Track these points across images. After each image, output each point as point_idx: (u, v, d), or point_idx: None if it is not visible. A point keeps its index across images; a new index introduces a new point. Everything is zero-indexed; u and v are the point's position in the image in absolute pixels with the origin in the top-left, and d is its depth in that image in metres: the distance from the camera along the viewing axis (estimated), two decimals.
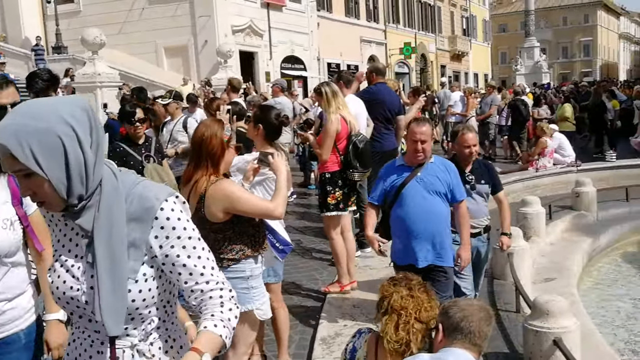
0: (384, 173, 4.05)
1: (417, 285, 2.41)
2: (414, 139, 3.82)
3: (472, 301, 2.40)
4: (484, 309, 2.31)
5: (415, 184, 3.87)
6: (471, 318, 2.22)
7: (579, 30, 76.47)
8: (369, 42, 33.61)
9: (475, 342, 2.21)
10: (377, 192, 4.05)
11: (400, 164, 4.01)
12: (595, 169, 11.88)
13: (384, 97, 6.76)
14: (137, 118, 4.96)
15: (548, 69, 35.17)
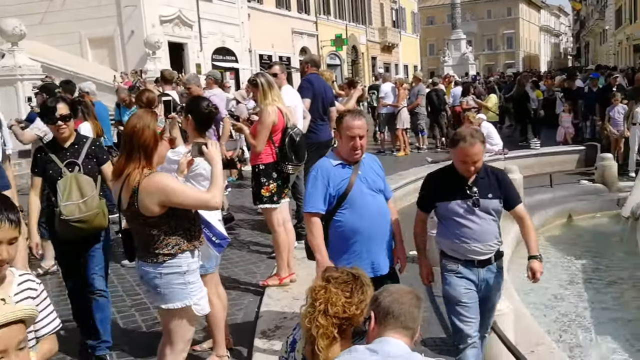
0: (321, 175, 3.48)
1: (334, 279, 2.39)
2: (352, 135, 3.43)
3: (400, 286, 2.38)
4: (412, 292, 2.32)
5: (360, 184, 3.49)
6: (401, 300, 2.24)
7: (503, 23, 79.12)
8: (300, 34, 33.57)
9: (406, 325, 2.22)
10: (319, 199, 3.45)
11: (338, 163, 3.52)
12: (521, 156, 12.33)
13: (317, 87, 6.77)
14: (60, 115, 3.99)
15: (474, 61, 36.21)
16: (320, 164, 3.57)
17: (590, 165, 11.29)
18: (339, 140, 3.56)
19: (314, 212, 3.48)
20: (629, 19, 49.07)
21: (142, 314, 4.90)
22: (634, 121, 11.18)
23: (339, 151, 3.58)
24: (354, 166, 3.52)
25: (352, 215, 3.46)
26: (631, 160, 11.25)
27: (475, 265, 3.58)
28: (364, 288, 2.39)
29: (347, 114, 3.54)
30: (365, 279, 2.42)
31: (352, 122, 3.44)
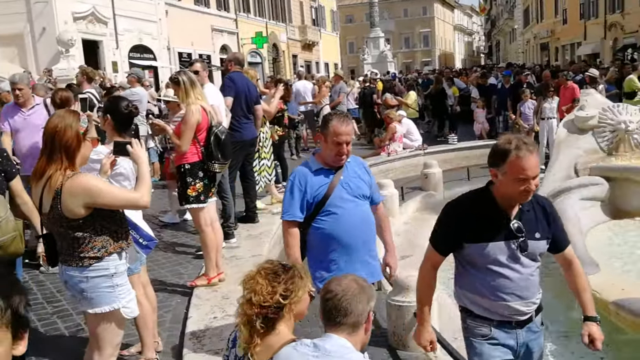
0: (298, 181, 3.29)
1: (264, 269, 2.42)
2: (339, 141, 3.20)
3: (345, 280, 2.35)
4: (358, 285, 2.33)
5: (341, 190, 3.28)
6: (345, 297, 2.26)
7: (419, 21, 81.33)
8: (220, 31, 33.17)
9: (350, 322, 2.25)
10: (295, 205, 3.27)
11: (318, 168, 3.32)
12: (440, 151, 12.76)
13: (240, 86, 6.76)
14: None
15: (392, 59, 37.00)
16: (298, 170, 3.37)
17: None
18: (322, 144, 3.30)
19: (290, 220, 3.29)
20: (535, 18, 51.68)
21: (64, 321, 4.73)
22: (542, 116, 11.82)
23: (322, 155, 3.34)
24: (337, 171, 3.31)
25: (330, 223, 3.27)
26: (541, 154, 11.88)
27: (514, 326, 2.72)
28: (294, 279, 2.38)
29: (334, 118, 3.28)
30: (301, 272, 2.44)
31: (340, 127, 3.21)
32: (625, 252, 6.42)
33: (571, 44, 42.68)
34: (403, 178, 11.04)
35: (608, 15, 35.13)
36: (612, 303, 4.71)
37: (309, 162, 3.38)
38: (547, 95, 11.86)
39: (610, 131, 8.22)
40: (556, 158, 8.30)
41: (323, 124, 3.33)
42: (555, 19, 46.06)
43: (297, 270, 2.45)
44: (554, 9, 46.23)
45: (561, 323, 5.22)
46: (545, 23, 48.59)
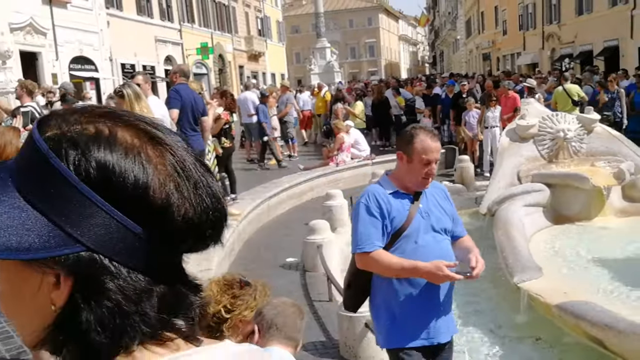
0: (375, 203, 2.76)
1: (223, 278, 2.41)
2: (429, 159, 2.74)
3: (283, 299, 2.45)
4: (295, 305, 2.42)
5: (420, 220, 2.78)
6: (284, 313, 2.30)
7: (364, 32, 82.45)
8: (164, 42, 32.70)
9: (290, 336, 2.29)
10: (375, 233, 2.73)
11: (394, 191, 2.82)
12: (387, 161, 12.84)
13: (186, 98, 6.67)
14: None
15: (339, 69, 37.28)
16: (372, 190, 2.84)
17: (450, 167, 12.06)
18: (402, 163, 2.82)
19: (368, 251, 2.72)
20: (477, 29, 53.16)
21: (5, 344, 4.53)
22: (486, 125, 12.12)
23: (399, 176, 2.86)
24: (415, 196, 2.82)
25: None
26: (485, 161, 12.18)
27: None
28: (244, 298, 2.36)
29: (421, 132, 2.80)
30: (256, 293, 2.40)
31: (430, 143, 2.75)
32: (566, 256, 6.62)
33: (511, 54, 44.06)
34: (352, 188, 11.09)
35: (545, 27, 36.45)
36: (555, 306, 4.83)
37: (382, 183, 2.89)
38: (490, 105, 12.18)
39: (550, 139, 8.49)
40: (500, 166, 8.52)
41: (405, 139, 2.83)
42: (495, 30, 47.49)
43: (255, 290, 2.41)
44: (494, 21, 47.67)
45: (507, 326, 5.33)
46: (486, 34, 50.04)
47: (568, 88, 12.54)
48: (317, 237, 6.37)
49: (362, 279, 2.86)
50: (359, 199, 2.88)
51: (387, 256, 2.71)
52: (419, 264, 2.65)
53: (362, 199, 2.84)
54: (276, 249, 7.50)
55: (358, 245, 2.76)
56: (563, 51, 33.71)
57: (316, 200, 10.13)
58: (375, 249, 2.70)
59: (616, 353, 4.37)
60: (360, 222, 2.78)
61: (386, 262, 2.70)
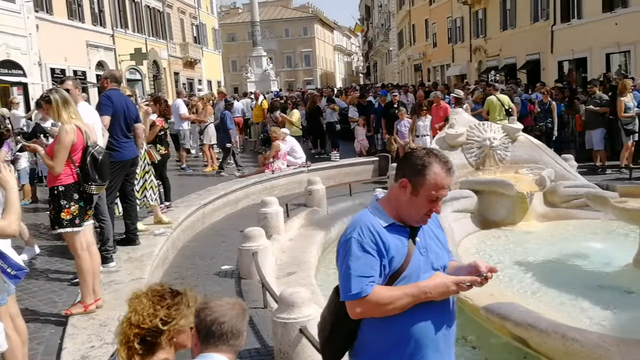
0: (370, 238, 2.29)
1: (152, 291, 2.38)
2: (438, 196, 2.32)
3: (223, 300, 2.35)
4: (237, 305, 2.33)
5: (419, 258, 2.36)
6: (222, 319, 2.25)
7: (300, 41, 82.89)
8: (96, 47, 31.82)
9: (230, 342, 2.25)
10: (370, 274, 2.26)
11: (389, 223, 2.35)
12: (322, 168, 13.04)
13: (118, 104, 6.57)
14: None
15: (275, 77, 37.36)
16: (363, 222, 2.35)
17: (383, 174, 12.31)
18: (404, 193, 2.34)
19: (365, 296, 2.24)
20: (409, 41, 54.44)
21: None
22: (417, 133, 12.45)
23: (396, 207, 2.39)
24: (412, 230, 2.39)
25: (406, 310, 2.31)
26: None
27: None
28: (178, 307, 2.36)
29: (436, 162, 2.31)
30: (189, 300, 2.39)
31: (445, 177, 2.31)
32: (493, 260, 6.88)
33: (441, 65, 45.36)
34: (287, 195, 11.16)
35: (473, 40, 37.74)
36: (482, 308, 5.02)
37: (374, 213, 2.40)
38: (421, 114, 12.52)
39: (477, 147, 8.83)
40: None
41: (414, 166, 2.33)
42: (426, 42, 48.77)
43: (186, 298, 2.41)
44: (425, 33, 48.96)
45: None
46: (417, 46, 51.32)
47: (500, 98, 13.08)
48: (252, 244, 6.37)
49: (350, 323, 2.36)
50: (348, 232, 2.35)
51: (387, 291, 2.26)
52: (423, 285, 2.28)
53: (353, 234, 2.31)
54: (211, 257, 7.45)
55: (351, 291, 2.25)
56: (489, 63, 35.00)
57: (252, 207, 10.12)
58: (366, 294, 2.23)
59: (539, 352, 4.59)
60: (353, 261, 2.27)
61: (388, 297, 2.25)
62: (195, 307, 2.35)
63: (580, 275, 6.04)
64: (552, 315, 4.78)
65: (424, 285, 2.28)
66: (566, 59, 27.13)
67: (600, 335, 4.11)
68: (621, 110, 11.87)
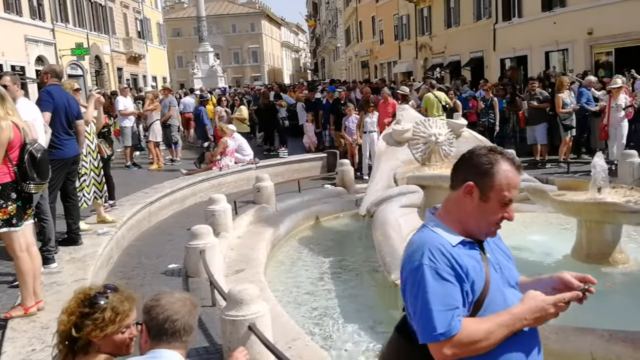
0: (445, 262, 1.92)
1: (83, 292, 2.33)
2: (510, 197, 2.02)
3: (174, 296, 2.31)
4: (188, 301, 2.31)
5: (496, 278, 2.04)
6: (175, 317, 2.22)
7: (247, 37, 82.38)
8: (35, 42, 30.77)
9: (182, 339, 2.24)
10: (454, 306, 1.89)
11: (459, 241, 2.01)
12: (271, 165, 13.01)
13: (59, 100, 6.37)
14: None
15: (222, 73, 37.02)
16: (431, 243, 1.98)
17: (332, 170, 12.37)
18: (469, 200, 2.03)
19: (451, 337, 1.88)
20: (356, 38, 54.88)
21: None
22: (364, 130, 12.57)
23: (461, 219, 2.06)
24: (480, 244, 2.08)
25: None
26: (364, 165, 12.62)
27: None
28: (94, 317, 2.23)
29: (503, 159, 2.02)
30: (119, 307, 2.31)
31: (516, 175, 2.03)
32: None
33: (388, 62, 45.93)
34: (236, 192, 11.08)
35: (419, 37, 38.36)
36: None
37: (438, 229, 2.04)
38: (368, 111, 12.64)
39: (423, 143, 8.98)
40: (377, 169, 8.87)
41: (478, 166, 2.03)
42: (373, 39, 49.27)
43: (112, 307, 2.27)
44: (372, 30, 49.45)
45: (386, 322, 5.57)
46: (364, 43, 51.78)
47: (437, 94, 13.35)
48: (200, 242, 6.30)
49: None
50: (415, 259, 1.96)
51: (477, 324, 1.92)
52: (517, 311, 1.95)
53: (422, 260, 1.93)
54: (157, 256, 7.32)
55: (437, 330, 1.87)
56: (435, 61, 35.67)
57: (199, 205, 10.00)
58: (454, 333, 1.87)
59: None
60: (430, 293, 1.89)
61: (482, 332, 1.91)
62: (144, 304, 2.31)
63: (522, 267, 6.12)
64: None
65: (518, 312, 1.94)
66: (508, 57, 27.91)
67: (546, 327, 4.24)
68: (559, 107, 12.31)
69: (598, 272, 6.13)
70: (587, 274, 2.09)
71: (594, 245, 6.43)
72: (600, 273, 6.13)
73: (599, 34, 21.83)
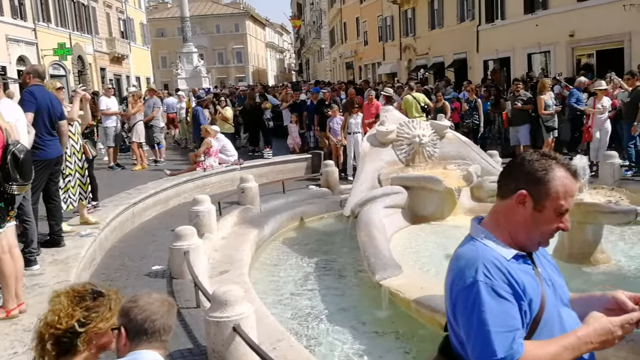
0: (497, 280, 1.77)
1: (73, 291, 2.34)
2: (567, 207, 1.88)
3: (152, 297, 2.33)
4: (166, 302, 2.33)
5: (550, 295, 1.90)
6: (154, 317, 2.23)
7: (232, 38, 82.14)
8: (16, 41, 30.44)
9: (161, 339, 2.25)
10: (514, 322, 1.75)
11: (514, 254, 1.87)
12: (255, 166, 12.99)
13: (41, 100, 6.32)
14: None
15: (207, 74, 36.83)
16: (484, 257, 1.84)
17: (316, 171, 12.38)
18: (522, 210, 1.89)
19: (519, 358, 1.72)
20: (340, 39, 54.98)
21: None
22: (349, 131, 12.60)
23: (512, 230, 1.92)
24: (530, 257, 1.94)
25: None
26: (349, 166, 12.66)
27: None
28: (98, 310, 2.30)
29: (558, 166, 1.88)
30: (111, 303, 2.34)
31: (573, 181, 1.89)
32: (423, 253, 7.07)
33: (372, 63, 46.08)
34: (220, 193, 11.06)
35: (403, 39, 38.53)
36: (413, 301, 5.15)
37: (489, 242, 1.90)
38: (353, 112, 12.67)
39: (407, 144, 9.03)
40: (362, 170, 8.90)
41: (532, 174, 1.88)
42: (357, 40, 49.39)
43: (108, 300, 2.36)
44: (356, 31, 49.58)
45: (370, 322, 5.60)
46: (349, 44, 51.88)
47: (416, 96, 13.46)
48: (184, 243, 6.28)
49: None
50: (467, 275, 1.81)
51: (541, 347, 1.77)
52: (582, 333, 1.79)
53: (477, 276, 1.78)
54: (141, 257, 7.28)
55: (497, 355, 1.71)
56: (419, 62, 35.85)
57: (183, 206, 9.96)
58: (523, 347, 1.73)
59: None
60: (488, 312, 1.74)
61: (547, 356, 1.75)
62: (121, 306, 2.31)
63: None
64: None
65: (583, 334, 1.78)
66: (491, 58, 28.13)
67: None
68: (541, 108, 12.44)
69: (580, 272, 6.22)
70: (568, 273, 2.11)
71: (576, 245, 6.51)
72: (581, 272, 6.22)
73: (580, 36, 22.09)
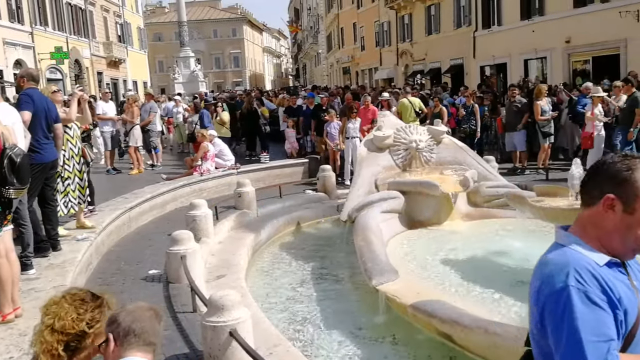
0: (591, 286, 1.64)
1: (71, 295, 2.35)
2: None
3: (137, 305, 2.38)
4: (152, 309, 2.37)
5: None
6: (141, 318, 2.26)
7: (229, 42, 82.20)
8: (13, 45, 30.40)
9: (149, 342, 2.26)
10: (608, 332, 1.62)
11: (606, 261, 1.74)
12: (252, 170, 13.00)
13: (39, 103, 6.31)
14: None
15: (204, 78, 36.83)
16: (576, 262, 1.71)
17: (313, 176, 12.39)
18: (612, 214, 1.75)
19: None
20: (337, 44, 55.06)
21: None
22: (347, 135, 12.61)
23: (602, 236, 1.78)
24: (624, 266, 1.80)
25: None
26: (346, 171, 12.66)
27: None
28: (102, 309, 2.35)
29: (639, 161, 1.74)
30: (109, 303, 2.38)
31: None
32: (419, 258, 7.06)
33: (369, 68, 46.14)
34: (217, 197, 11.05)
35: (399, 44, 38.60)
36: (409, 306, 5.15)
37: (579, 248, 1.77)
38: (350, 116, 12.69)
39: (404, 149, 9.04)
40: (359, 174, 8.91)
41: (616, 176, 1.75)
42: (354, 46, 49.46)
43: (106, 300, 2.39)
44: (353, 37, 49.66)
45: (367, 327, 5.59)
46: (346, 49, 51.96)
47: (412, 100, 13.52)
48: (181, 247, 6.27)
49: None
50: (557, 281, 1.69)
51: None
52: None
53: (568, 281, 1.66)
54: (138, 262, 7.27)
55: None
56: (415, 67, 35.90)
57: (180, 210, 9.95)
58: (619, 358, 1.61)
59: (463, 347, 4.75)
60: (580, 319, 1.61)
61: None
62: (109, 316, 2.34)
63: (502, 272, 6.29)
64: (477, 311, 4.95)
65: None
66: (487, 64, 28.21)
67: (519, 328, 4.28)
68: (538, 114, 12.47)
69: None
70: None
71: None
72: None
73: (576, 43, 22.17)
